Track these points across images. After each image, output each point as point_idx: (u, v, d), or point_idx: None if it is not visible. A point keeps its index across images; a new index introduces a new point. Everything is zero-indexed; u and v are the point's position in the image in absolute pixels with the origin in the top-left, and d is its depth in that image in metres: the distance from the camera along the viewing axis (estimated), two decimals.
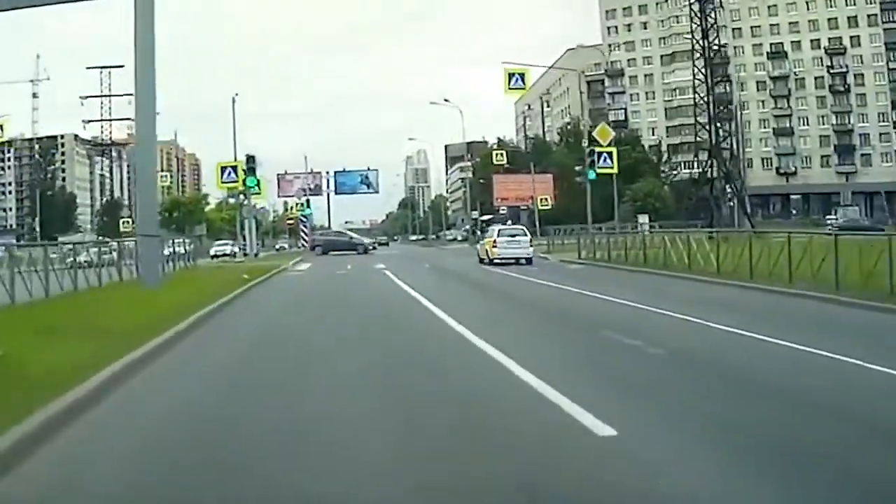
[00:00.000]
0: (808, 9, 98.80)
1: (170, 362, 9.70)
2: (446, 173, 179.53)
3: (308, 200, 71.78)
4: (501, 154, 74.08)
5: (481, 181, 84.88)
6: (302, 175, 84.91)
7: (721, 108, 48.62)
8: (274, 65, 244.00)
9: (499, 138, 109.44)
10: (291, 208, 74.73)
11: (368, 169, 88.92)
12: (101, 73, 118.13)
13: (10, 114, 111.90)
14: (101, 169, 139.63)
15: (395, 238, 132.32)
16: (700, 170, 49.66)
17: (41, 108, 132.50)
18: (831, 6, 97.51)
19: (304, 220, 67.85)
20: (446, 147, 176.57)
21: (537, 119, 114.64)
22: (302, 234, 67.44)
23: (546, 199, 63.45)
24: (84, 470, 5.33)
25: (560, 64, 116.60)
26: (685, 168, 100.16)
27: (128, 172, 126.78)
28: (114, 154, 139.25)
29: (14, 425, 5.73)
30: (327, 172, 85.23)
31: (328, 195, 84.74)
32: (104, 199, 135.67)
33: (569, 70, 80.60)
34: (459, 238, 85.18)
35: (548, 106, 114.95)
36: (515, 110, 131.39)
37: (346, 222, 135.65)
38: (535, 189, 64.72)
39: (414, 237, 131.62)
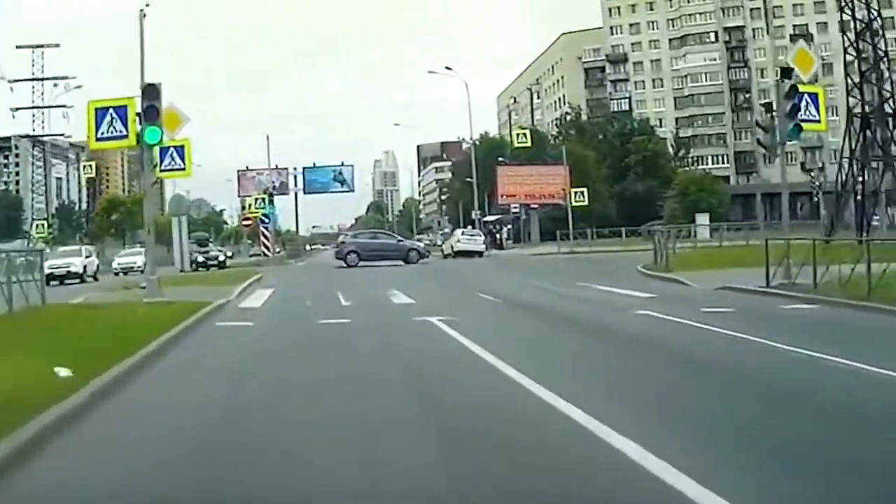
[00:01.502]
0: None
1: None
2: (419, 175, 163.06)
3: (271, 196, 53.88)
4: (524, 135, 55.98)
5: (469, 180, 68.43)
6: (266, 171, 68.12)
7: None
8: (260, 69, 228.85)
9: (481, 134, 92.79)
10: (249, 206, 56.73)
11: (343, 164, 72.46)
12: (34, 52, 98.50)
13: None
14: (64, 172, 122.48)
15: None
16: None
17: None
18: None
19: (266, 220, 49.82)
20: (419, 147, 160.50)
21: (524, 113, 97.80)
22: (263, 238, 49.78)
23: (582, 195, 46.39)
24: None
25: (554, 50, 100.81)
26: (701, 163, 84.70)
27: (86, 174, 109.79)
28: (70, 156, 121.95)
29: None
30: (295, 169, 68.97)
31: (296, 194, 68.19)
32: (58, 203, 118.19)
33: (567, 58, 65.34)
34: (438, 243, 68.59)
35: (537, 97, 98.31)
36: (498, 104, 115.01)
37: (314, 227, 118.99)
38: (567, 183, 47.77)
39: None
